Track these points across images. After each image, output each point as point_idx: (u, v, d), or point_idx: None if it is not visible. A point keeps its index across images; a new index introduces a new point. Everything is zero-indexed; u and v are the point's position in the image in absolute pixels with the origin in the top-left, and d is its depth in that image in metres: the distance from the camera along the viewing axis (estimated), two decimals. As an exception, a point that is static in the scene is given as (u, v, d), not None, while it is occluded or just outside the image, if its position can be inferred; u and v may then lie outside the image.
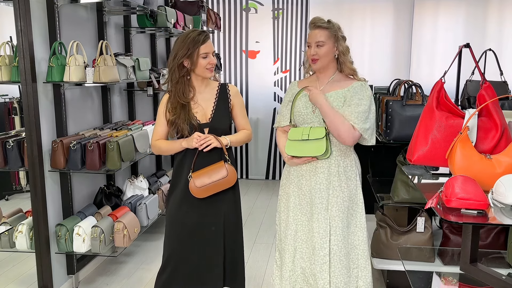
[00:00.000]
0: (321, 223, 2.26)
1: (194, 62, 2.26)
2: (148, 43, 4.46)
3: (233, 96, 2.42)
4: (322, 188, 2.27)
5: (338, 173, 2.27)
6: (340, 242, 2.26)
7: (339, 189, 2.27)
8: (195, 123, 2.31)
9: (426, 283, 2.56)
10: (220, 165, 2.29)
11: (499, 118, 1.91)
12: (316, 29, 2.23)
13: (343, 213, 2.27)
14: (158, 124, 2.38)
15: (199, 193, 2.28)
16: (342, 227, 2.26)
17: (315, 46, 2.23)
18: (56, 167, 2.94)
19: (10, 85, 2.88)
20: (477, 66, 2.29)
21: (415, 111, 2.71)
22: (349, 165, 2.30)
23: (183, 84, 2.31)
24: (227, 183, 2.30)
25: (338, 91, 2.25)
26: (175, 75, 2.29)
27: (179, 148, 2.33)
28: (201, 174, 2.28)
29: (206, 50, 2.27)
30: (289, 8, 5.94)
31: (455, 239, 2.88)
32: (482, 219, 1.64)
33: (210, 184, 2.27)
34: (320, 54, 2.23)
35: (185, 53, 2.24)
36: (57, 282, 3.06)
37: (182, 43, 2.26)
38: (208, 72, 2.33)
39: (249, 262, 3.62)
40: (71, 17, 3.16)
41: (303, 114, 2.29)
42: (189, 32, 2.29)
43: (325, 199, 2.27)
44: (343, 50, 2.25)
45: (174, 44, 2.32)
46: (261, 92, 6.16)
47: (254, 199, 5.35)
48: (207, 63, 2.29)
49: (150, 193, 3.89)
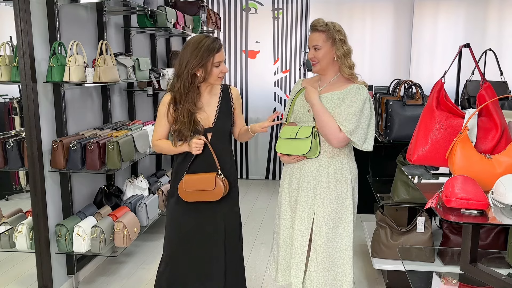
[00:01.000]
0: (303, 220, 2.28)
1: (208, 71, 2.23)
2: (148, 43, 4.46)
3: (235, 99, 2.42)
4: (309, 187, 2.28)
5: (327, 174, 2.26)
6: (323, 243, 2.26)
7: (326, 190, 2.26)
8: (200, 129, 2.29)
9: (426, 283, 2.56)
10: (211, 176, 2.27)
11: (499, 118, 1.91)
12: (314, 32, 2.24)
13: (329, 215, 2.26)
14: (159, 125, 2.36)
15: (184, 195, 2.30)
16: (326, 228, 2.26)
17: (313, 49, 2.24)
18: (56, 167, 2.94)
19: (10, 85, 2.87)
20: (477, 66, 2.29)
21: (415, 111, 2.71)
22: (340, 168, 2.27)
23: (194, 93, 2.27)
24: (213, 195, 2.28)
25: (334, 93, 2.24)
26: (187, 84, 2.23)
27: (180, 150, 2.33)
28: (192, 179, 2.28)
29: (220, 58, 2.24)
30: (289, 8, 5.94)
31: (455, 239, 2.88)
32: (482, 219, 1.64)
33: (195, 191, 2.27)
34: (318, 57, 2.24)
35: (198, 62, 2.20)
36: (57, 282, 3.06)
37: (195, 50, 2.20)
38: (219, 80, 2.31)
39: (249, 262, 3.62)
40: (71, 17, 3.16)
41: (300, 113, 2.31)
42: (201, 39, 2.23)
43: (311, 198, 2.28)
44: (340, 54, 2.22)
45: (184, 49, 2.25)
46: (261, 92, 6.16)
47: (254, 199, 5.35)
48: (220, 72, 2.26)
49: (150, 193, 3.89)
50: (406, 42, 5.75)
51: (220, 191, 2.28)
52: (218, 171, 2.30)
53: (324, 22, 2.23)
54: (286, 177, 2.39)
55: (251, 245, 3.96)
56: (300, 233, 2.29)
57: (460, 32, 5.60)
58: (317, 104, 2.18)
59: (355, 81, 2.27)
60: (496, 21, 5.54)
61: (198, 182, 2.28)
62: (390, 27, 5.77)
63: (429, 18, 5.68)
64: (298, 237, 2.29)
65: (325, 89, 2.29)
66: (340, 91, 2.24)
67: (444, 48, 5.60)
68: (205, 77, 2.25)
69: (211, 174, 2.29)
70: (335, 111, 2.19)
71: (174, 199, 2.40)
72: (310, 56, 2.26)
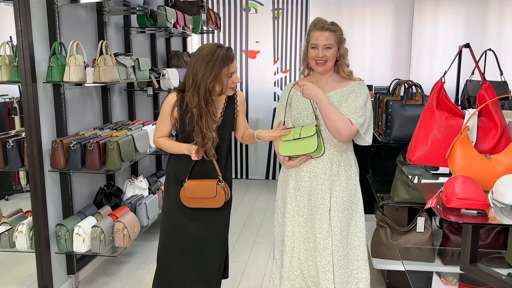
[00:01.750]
0: (323, 224, 2.26)
1: (224, 85, 2.20)
2: (148, 43, 4.46)
3: (240, 104, 2.41)
4: (325, 189, 2.26)
5: (338, 173, 2.27)
6: (339, 243, 2.26)
7: (339, 189, 2.27)
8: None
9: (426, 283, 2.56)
10: (212, 183, 2.27)
11: (499, 118, 1.91)
12: (325, 32, 2.20)
13: (343, 213, 2.27)
14: (162, 124, 2.34)
15: (186, 201, 2.30)
16: (341, 227, 2.26)
17: (323, 48, 2.21)
18: (56, 167, 2.94)
19: (10, 85, 2.87)
20: (477, 66, 2.29)
21: (415, 111, 2.71)
22: (349, 165, 2.30)
23: (213, 106, 2.24)
24: (214, 203, 2.28)
25: (337, 91, 2.25)
26: (206, 98, 2.19)
27: (180, 152, 2.32)
28: (193, 185, 2.28)
29: (234, 69, 2.22)
30: (289, 8, 5.94)
31: (455, 239, 2.88)
32: (482, 219, 1.64)
33: (197, 198, 2.27)
34: (329, 56, 2.22)
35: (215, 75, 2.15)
36: (57, 282, 3.06)
37: (210, 61, 2.15)
38: (231, 91, 2.29)
39: (249, 262, 3.62)
40: (71, 17, 3.16)
41: (303, 116, 2.28)
42: (215, 49, 2.18)
43: (327, 200, 2.27)
44: (343, 53, 2.26)
45: (194, 58, 2.21)
46: (261, 92, 6.16)
47: (254, 199, 5.34)
48: (231, 82, 2.24)
49: (150, 193, 3.89)
50: (406, 42, 5.75)
51: (222, 198, 2.28)
52: (219, 178, 2.29)
53: (330, 22, 2.23)
54: (291, 181, 2.34)
55: (251, 245, 3.96)
56: (322, 236, 2.26)
57: (460, 32, 5.60)
58: (324, 100, 2.16)
59: (353, 79, 2.29)
60: (496, 21, 5.54)
61: (199, 189, 2.27)
62: (390, 27, 5.77)
63: (429, 18, 5.67)
64: (321, 240, 2.26)
65: (325, 89, 2.28)
66: (343, 88, 2.25)
67: (444, 48, 5.60)
68: (222, 90, 2.23)
69: (212, 181, 2.28)
70: (342, 106, 2.20)
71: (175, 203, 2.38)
72: (320, 55, 2.22)
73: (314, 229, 2.29)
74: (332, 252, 2.26)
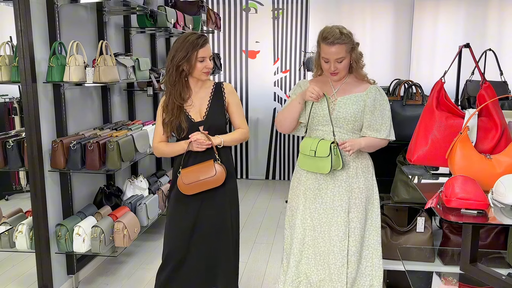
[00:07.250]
0: (340, 226, 2.27)
1: (192, 65, 2.28)
2: (148, 43, 4.46)
3: (228, 94, 2.43)
4: (342, 191, 2.27)
5: (356, 175, 2.29)
6: (358, 243, 2.29)
7: (357, 190, 2.29)
8: (190, 122, 2.33)
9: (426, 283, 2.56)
10: (209, 163, 2.30)
11: (499, 118, 1.92)
12: (335, 45, 2.17)
13: (361, 213, 2.29)
14: (159, 128, 2.40)
15: (186, 189, 2.30)
16: (360, 228, 2.29)
17: (334, 62, 2.20)
18: (56, 167, 2.94)
19: (10, 85, 2.87)
20: (477, 66, 2.29)
21: (415, 111, 2.70)
22: (366, 165, 2.33)
23: (181, 86, 2.32)
24: (215, 182, 2.31)
25: (356, 95, 2.26)
26: (173, 77, 2.30)
27: (182, 150, 2.33)
28: (190, 171, 2.30)
29: (204, 54, 2.29)
30: (289, 8, 5.93)
31: (455, 239, 2.87)
32: (482, 219, 1.64)
33: (197, 182, 2.29)
34: (341, 68, 2.23)
35: (183, 55, 2.26)
36: (57, 282, 3.06)
37: (181, 45, 2.27)
38: (204, 75, 2.35)
39: (249, 262, 3.62)
40: (71, 17, 3.16)
41: (320, 116, 2.27)
42: (188, 35, 2.30)
43: (346, 202, 2.27)
44: (356, 58, 2.25)
45: (173, 45, 2.33)
46: (261, 92, 6.16)
47: (254, 199, 5.34)
48: (204, 67, 2.31)
49: (150, 193, 3.89)
50: (406, 42, 5.75)
51: (222, 175, 2.30)
52: (216, 157, 2.31)
53: (339, 33, 2.18)
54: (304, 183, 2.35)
55: (251, 245, 3.96)
56: (339, 238, 2.27)
57: (460, 32, 5.60)
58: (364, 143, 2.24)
59: (367, 80, 2.31)
60: (496, 21, 5.54)
61: (197, 172, 2.29)
62: (390, 27, 5.76)
63: (429, 18, 5.67)
64: (336, 243, 2.27)
65: (341, 92, 2.29)
66: (362, 93, 2.26)
67: (444, 48, 5.59)
68: (189, 70, 2.30)
69: (208, 162, 2.31)
70: (370, 119, 2.23)
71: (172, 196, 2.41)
72: (332, 69, 2.21)
73: (330, 232, 2.29)
74: (348, 252, 2.27)
